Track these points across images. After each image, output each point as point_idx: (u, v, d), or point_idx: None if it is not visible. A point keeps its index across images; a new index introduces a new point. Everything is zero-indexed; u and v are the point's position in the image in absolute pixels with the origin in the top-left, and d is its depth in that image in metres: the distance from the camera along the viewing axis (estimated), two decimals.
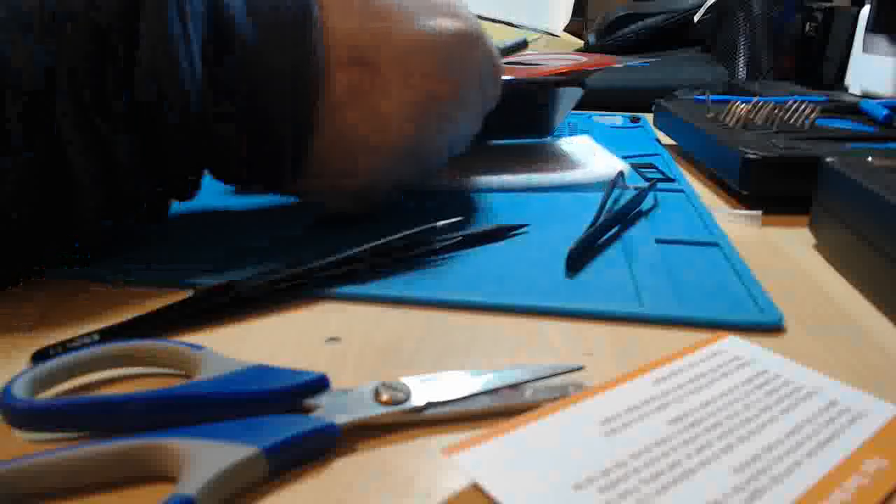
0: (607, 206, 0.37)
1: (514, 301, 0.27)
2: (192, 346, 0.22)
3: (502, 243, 0.34)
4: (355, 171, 0.32)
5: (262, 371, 0.20)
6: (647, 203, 0.40)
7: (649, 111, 0.62)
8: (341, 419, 0.19)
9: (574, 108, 0.57)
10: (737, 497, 0.16)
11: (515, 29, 0.82)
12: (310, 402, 0.20)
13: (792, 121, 0.49)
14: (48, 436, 0.19)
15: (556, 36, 0.95)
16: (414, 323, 0.26)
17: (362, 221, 0.36)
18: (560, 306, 0.27)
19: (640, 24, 0.97)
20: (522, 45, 0.65)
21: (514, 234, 0.35)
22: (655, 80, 0.79)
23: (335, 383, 0.21)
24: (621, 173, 0.42)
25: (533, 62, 0.56)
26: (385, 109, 0.31)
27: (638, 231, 0.36)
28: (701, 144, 0.48)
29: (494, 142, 0.54)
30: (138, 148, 0.28)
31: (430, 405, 0.20)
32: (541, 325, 0.26)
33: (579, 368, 0.21)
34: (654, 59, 0.72)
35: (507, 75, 0.42)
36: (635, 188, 0.41)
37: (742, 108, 0.49)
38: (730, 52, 0.86)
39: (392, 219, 0.36)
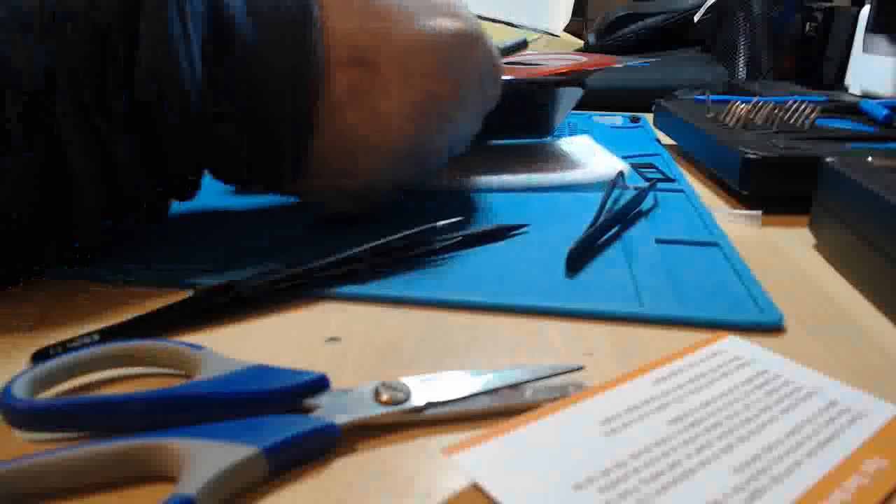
0: (607, 206, 0.37)
1: (514, 301, 0.27)
2: (192, 346, 0.22)
3: (502, 243, 0.34)
4: (355, 171, 0.32)
5: (262, 371, 0.20)
6: (647, 203, 0.40)
7: (649, 111, 0.62)
8: (341, 419, 0.19)
9: (574, 108, 0.57)
10: (737, 497, 0.16)
11: (515, 29, 0.82)
12: (310, 402, 0.20)
13: (792, 121, 0.49)
14: (48, 436, 0.19)
15: (556, 36, 0.95)
16: (414, 323, 0.26)
17: (362, 221, 0.36)
18: (560, 306, 0.27)
19: (640, 24, 0.97)
20: (522, 45, 0.65)
21: (514, 234, 0.35)
22: (655, 80, 0.79)
23: (335, 383, 0.21)
24: (621, 173, 0.42)
25: (533, 62, 0.56)
26: (385, 109, 0.31)
27: (638, 231, 0.36)
28: (701, 144, 0.48)
29: (494, 142, 0.54)
30: (138, 148, 0.28)
31: (430, 405, 0.20)
32: (541, 325, 0.26)
33: (579, 368, 0.21)
34: (654, 59, 0.72)
35: (507, 75, 0.42)
36: (635, 188, 0.41)
37: (742, 108, 0.49)
38: (730, 52, 0.86)
39: (392, 219, 0.36)
